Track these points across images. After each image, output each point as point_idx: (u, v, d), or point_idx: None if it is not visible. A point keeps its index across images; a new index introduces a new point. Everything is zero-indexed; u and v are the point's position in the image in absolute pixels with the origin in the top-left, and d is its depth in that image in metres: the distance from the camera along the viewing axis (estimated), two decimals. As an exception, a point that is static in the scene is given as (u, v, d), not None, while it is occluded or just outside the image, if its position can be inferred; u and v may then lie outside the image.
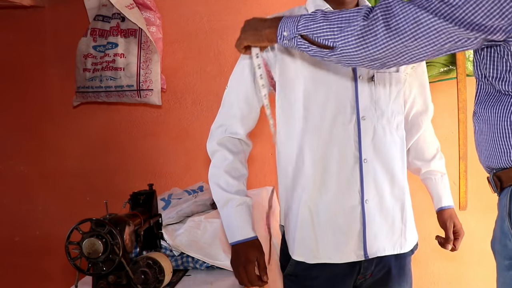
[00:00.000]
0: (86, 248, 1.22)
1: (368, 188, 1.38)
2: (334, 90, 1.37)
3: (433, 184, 1.63)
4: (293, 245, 1.42)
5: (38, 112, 2.53)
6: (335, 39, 1.07)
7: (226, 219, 1.41)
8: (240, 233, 1.39)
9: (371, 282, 1.46)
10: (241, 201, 1.40)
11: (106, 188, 2.45)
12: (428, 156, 1.62)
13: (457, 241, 1.60)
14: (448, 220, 1.59)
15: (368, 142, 1.38)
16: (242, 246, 1.38)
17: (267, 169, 2.35)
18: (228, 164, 1.41)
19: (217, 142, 1.44)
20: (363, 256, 1.39)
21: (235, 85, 1.46)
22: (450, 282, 2.41)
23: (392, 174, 1.42)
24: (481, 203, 2.26)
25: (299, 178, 1.40)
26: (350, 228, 1.38)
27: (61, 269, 2.48)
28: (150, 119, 2.48)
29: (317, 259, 1.39)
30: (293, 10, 1.47)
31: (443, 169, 1.64)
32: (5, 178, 2.57)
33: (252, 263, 1.37)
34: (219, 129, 1.45)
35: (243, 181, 1.43)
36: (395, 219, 1.43)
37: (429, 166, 1.62)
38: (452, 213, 1.61)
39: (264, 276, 1.37)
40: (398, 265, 1.46)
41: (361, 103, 1.38)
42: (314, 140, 1.38)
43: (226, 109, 1.47)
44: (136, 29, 2.29)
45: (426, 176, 1.63)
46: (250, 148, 1.50)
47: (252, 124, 1.47)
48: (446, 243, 1.59)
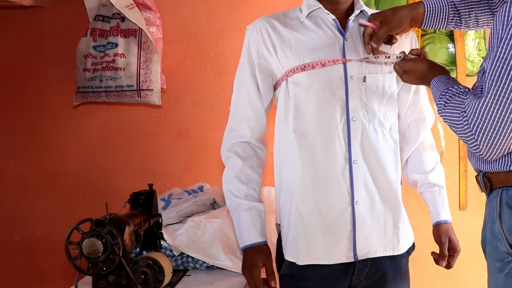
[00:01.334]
0: (86, 248, 1.22)
1: (358, 189, 1.37)
2: (325, 90, 1.37)
3: (431, 198, 1.55)
4: (285, 245, 1.42)
5: (38, 112, 2.53)
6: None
7: (236, 224, 1.43)
8: (248, 238, 1.40)
9: (367, 283, 1.45)
10: (249, 206, 1.40)
11: (106, 188, 2.45)
12: (426, 168, 1.54)
13: (452, 258, 1.52)
14: (443, 235, 1.51)
15: (357, 143, 1.37)
16: (249, 251, 1.39)
17: (267, 169, 2.34)
18: (238, 170, 1.42)
19: (227, 148, 1.45)
20: (353, 257, 1.38)
21: (238, 88, 1.47)
22: (449, 282, 2.41)
23: (384, 176, 1.40)
24: (481, 203, 2.26)
25: (290, 178, 1.40)
26: (339, 229, 1.37)
27: (61, 269, 2.48)
28: (150, 119, 2.48)
29: (306, 260, 1.38)
30: (287, 11, 1.47)
31: (442, 182, 1.56)
32: (5, 178, 2.57)
33: (257, 268, 1.37)
34: (229, 135, 1.46)
35: (253, 186, 1.43)
36: (387, 221, 1.41)
37: (427, 179, 1.54)
38: (448, 228, 1.53)
39: (271, 282, 1.37)
40: (394, 267, 1.45)
41: (352, 104, 1.37)
42: (304, 140, 1.38)
43: (233, 112, 1.47)
44: (136, 29, 2.29)
45: (424, 189, 1.55)
46: (264, 152, 1.49)
47: (259, 126, 1.45)
48: (440, 259, 1.50)
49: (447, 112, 1.16)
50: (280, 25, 1.42)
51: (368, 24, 1.35)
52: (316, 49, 1.38)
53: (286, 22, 1.43)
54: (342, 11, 1.42)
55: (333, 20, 1.40)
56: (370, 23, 1.35)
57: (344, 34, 1.39)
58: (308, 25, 1.41)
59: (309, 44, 1.38)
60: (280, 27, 1.42)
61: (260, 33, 1.42)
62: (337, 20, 1.40)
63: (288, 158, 1.41)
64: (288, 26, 1.42)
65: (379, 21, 1.35)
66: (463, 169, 2.09)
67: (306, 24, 1.41)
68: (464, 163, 2.09)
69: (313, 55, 1.37)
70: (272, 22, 1.43)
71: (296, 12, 1.45)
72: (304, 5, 1.43)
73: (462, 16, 1.37)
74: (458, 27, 1.40)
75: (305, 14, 1.41)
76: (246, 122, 1.44)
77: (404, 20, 1.36)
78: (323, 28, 1.40)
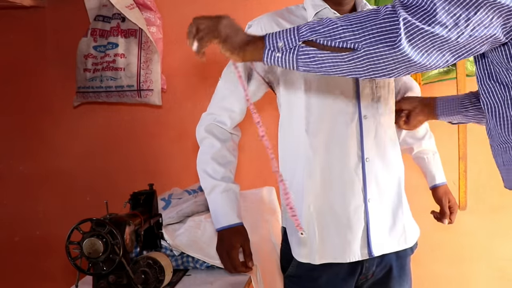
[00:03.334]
0: (86, 248, 1.22)
1: (371, 187, 1.38)
2: (336, 89, 1.37)
3: (426, 163, 1.70)
4: (296, 246, 1.41)
5: (39, 112, 2.53)
6: (356, 39, 0.94)
7: (212, 205, 1.44)
8: (225, 219, 1.42)
9: (372, 282, 1.46)
10: (226, 188, 1.42)
11: (106, 188, 2.45)
12: (418, 134, 1.67)
13: (453, 215, 1.69)
14: (443, 196, 1.68)
15: (370, 141, 1.38)
16: (227, 232, 1.41)
17: (267, 169, 2.34)
18: (216, 152, 1.44)
19: (204, 128, 1.47)
20: (368, 254, 1.39)
21: (224, 79, 1.48)
22: (450, 282, 2.41)
23: (392, 171, 1.43)
24: (481, 203, 2.27)
25: (302, 179, 1.40)
26: (354, 227, 1.38)
27: (61, 269, 2.48)
28: (150, 119, 2.48)
29: (322, 259, 1.38)
30: (291, 8, 1.46)
31: (434, 147, 1.70)
32: (5, 178, 2.57)
33: (235, 249, 1.39)
34: (208, 116, 1.48)
35: (230, 168, 1.46)
36: (397, 215, 1.43)
37: (420, 145, 1.68)
38: (446, 189, 1.69)
39: (249, 262, 1.40)
40: (399, 265, 1.46)
41: (363, 101, 1.38)
42: (316, 140, 1.38)
43: (217, 100, 1.49)
44: (137, 29, 2.29)
45: (418, 155, 1.70)
46: (239, 136, 1.52)
47: (239, 118, 1.48)
48: (442, 218, 1.68)
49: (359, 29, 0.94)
50: (286, 23, 1.40)
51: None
52: None
53: (292, 20, 1.42)
54: (346, 11, 1.42)
55: None
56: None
57: None
58: None
59: None
60: (287, 25, 1.39)
61: (265, 31, 1.39)
62: None
63: (299, 158, 1.40)
64: (294, 24, 1.40)
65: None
66: (463, 169, 2.10)
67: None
68: (463, 163, 2.09)
69: None
70: (278, 20, 1.41)
71: (300, 10, 1.44)
72: (309, 4, 1.41)
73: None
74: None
75: (312, 14, 1.39)
76: (228, 114, 1.46)
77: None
78: None
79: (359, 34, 0.94)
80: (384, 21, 0.92)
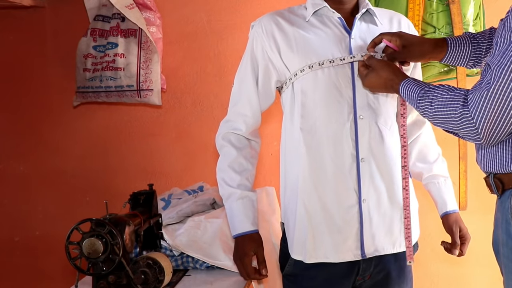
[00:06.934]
0: (86, 248, 1.22)
1: (365, 187, 1.38)
2: (332, 88, 1.37)
3: (437, 188, 1.59)
4: (292, 243, 1.42)
5: (38, 112, 2.53)
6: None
7: (229, 213, 1.45)
8: (240, 227, 1.42)
9: (370, 284, 1.45)
10: (242, 195, 1.43)
11: (106, 188, 2.46)
12: (430, 159, 1.59)
13: (464, 245, 1.56)
14: (454, 224, 1.56)
15: (365, 141, 1.38)
16: (241, 239, 1.42)
17: (267, 169, 2.34)
18: (232, 160, 1.45)
19: (222, 137, 1.48)
20: (360, 255, 1.39)
21: (238, 83, 1.48)
22: (450, 282, 2.41)
23: (391, 174, 1.41)
24: (481, 204, 2.26)
25: (296, 176, 1.40)
26: (347, 227, 1.37)
27: (61, 269, 2.48)
28: (150, 119, 2.48)
29: (314, 258, 1.39)
30: (293, 8, 1.48)
31: (446, 173, 1.60)
32: (5, 178, 2.57)
33: (248, 256, 1.40)
34: (225, 124, 1.49)
35: (246, 176, 1.46)
36: (394, 218, 1.41)
37: (431, 170, 1.58)
38: (457, 218, 1.57)
39: (262, 270, 1.40)
40: (398, 267, 1.45)
41: (359, 102, 1.38)
42: (311, 138, 1.38)
43: (231, 106, 1.50)
44: (136, 29, 2.29)
45: (429, 180, 1.59)
46: (258, 142, 1.52)
47: (255, 122, 1.48)
48: (453, 248, 1.55)
49: (437, 110, 1.16)
50: (286, 23, 1.42)
51: (390, 45, 1.36)
52: (323, 47, 1.38)
53: (292, 19, 1.43)
54: (347, 10, 1.43)
55: (339, 18, 1.41)
56: (392, 44, 1.36)
57: (350, 33, 1.40)
58: (314, 23, 1.42)
59: (316, 43, 1.39)
60: (286, 25, 1.42)
61: (265, 31, 1.42)
62: (343, 19, 1.41)
63: (294, 156, 1.41)
64: (294, 24, 1.42)
65: (402, 44, 1.36)
66: (463, 169, 2.09)
67: (312, 22, 1.42)
68: (464, 163, 2.09)
69: (320, 54, 1.37)
70: (277, 20, 1.43)
71: (302, 10, 1.46)
72: (309, 4, 1.43)
73: (482, 58, 1.39)
74: (475, 66, 1.43)
75: (311, 13, 1.41)
76: (242, 118, 1.46)
77: (425, 54, 1.38)
78: (329, 26, 1.41)
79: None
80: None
